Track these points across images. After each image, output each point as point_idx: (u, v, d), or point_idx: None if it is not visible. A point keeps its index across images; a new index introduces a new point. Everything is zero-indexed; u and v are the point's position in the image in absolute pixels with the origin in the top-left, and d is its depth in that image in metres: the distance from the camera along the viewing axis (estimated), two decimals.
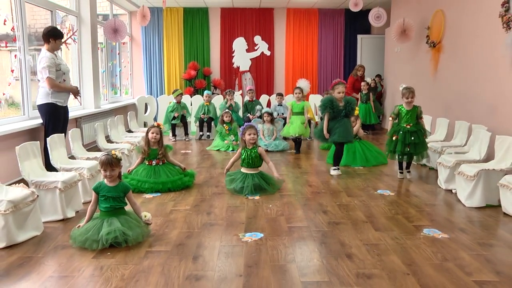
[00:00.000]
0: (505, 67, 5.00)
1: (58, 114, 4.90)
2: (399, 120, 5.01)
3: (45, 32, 4.80)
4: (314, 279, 2.63)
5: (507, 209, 3.84)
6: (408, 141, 4.86)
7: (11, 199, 3.13)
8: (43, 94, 4.80)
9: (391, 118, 5.13)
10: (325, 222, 3.65)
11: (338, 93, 5.31)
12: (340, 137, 5.29)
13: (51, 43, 4.79)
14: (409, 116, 4.93)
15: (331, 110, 5.28)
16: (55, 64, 4.78)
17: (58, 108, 4.88)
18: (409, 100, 4.92)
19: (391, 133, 5.06)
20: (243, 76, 10.55)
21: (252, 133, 4.62)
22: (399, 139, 4.91)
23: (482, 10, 5.53)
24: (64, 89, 4.94)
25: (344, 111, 5.31)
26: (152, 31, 10.32)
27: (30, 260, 2.92)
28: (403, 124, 4.95)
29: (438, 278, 2.63)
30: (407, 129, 4.90)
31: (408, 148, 4.88)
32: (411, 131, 4.89)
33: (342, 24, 10.59)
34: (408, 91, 4.95)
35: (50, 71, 4.70)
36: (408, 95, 4.93)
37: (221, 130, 7.39)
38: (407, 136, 4.87)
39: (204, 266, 2.82)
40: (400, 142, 4.88)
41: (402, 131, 4.92)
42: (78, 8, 7.06)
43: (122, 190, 3.26)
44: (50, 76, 4.70)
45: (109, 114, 7.62)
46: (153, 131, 4.74)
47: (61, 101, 4.90)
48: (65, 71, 4.98)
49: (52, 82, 4.73)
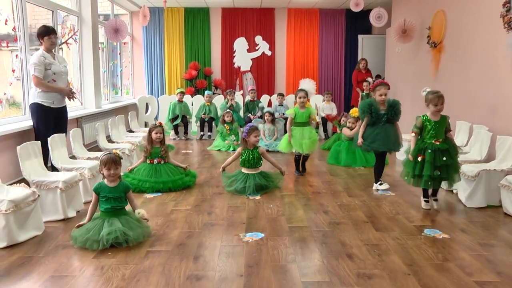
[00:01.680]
0: (506, 67, 4.99)
1: (46, 115, 4.69)
2: (423, 135, 3.94)
3: (36, 34, 4.75)
4: (315, 279, 2.64)
5: (508, 210, 3.84)
6: (439, 163, 3.77)
7: (12, 199, 3.14)
8: (32, 94, 4.70)
9: (413, 134, 3.98)
10: (326, 222, 3.65)
11: (379, 95, 4.60)
12: (381, 146, 4.59)
13: (45, 41, 4.68)
14: (437, 129, 3.86)
15: (370, 114, 4.58)
16: (44, 62, 4.60)
17: (45, 109, 4.68)
18: (438, 107, 3.84)
19: (415, 153, 3.92)
20: (244, 76, 10.54)
21: (257, 135, 4.67)
22: (427, 160, 3.80)
23: (483, 10, 5.52)
24: (52, 89, 4.71)
25: (386, 116, 4.58)
26: (153, 31, 10.32)
27: (31, 260, 2.93)
28: (430, 140, 3.86)
29: (439, 279, 2.63)
30: (436, 146, 3.82)
31: (439, 171, 3.80)
32: (442, 149, 3.81)
33: (343, 24, 10.58)
34: (436, 97, 3.84)
35: (36, 69, 4.54)
36: (438, 101, 3.82)
37: (222, 130, 7.40)
38: (438, 156, 3.79)
39: (205, 266, 2.82)
40: (429, 164, 3.78)
41: (430, 149, 3.81)
42: (79, 8, 7.07)
43: (123, 190, 3.27)
44: (36, 74, 4.54)
45: (110, 114, 7.63)
46: (156, 131, 4.77)
47: (48, 101, 4.69)
48: (57, 71, 4.75)
49: (37, 81, 4.57)
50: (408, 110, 8.04)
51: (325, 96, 8.84)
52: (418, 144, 3.93)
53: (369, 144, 4.62)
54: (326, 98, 8.77)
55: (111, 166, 3.21)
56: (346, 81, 10.59)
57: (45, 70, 4.63)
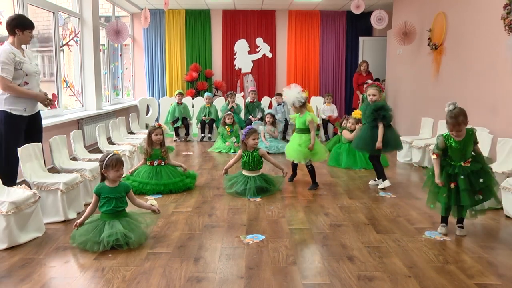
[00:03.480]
0: (507, 69, 4.99)
1: (16, 125, 3.84)
2: (449, 157, 3.33)
3: (9, 21, 3.80)
4: (316, 281, 2.63)
5: (509, 212, 3.83)
6: (478, 186, 3.21)
7: (13, 201, 3.14)
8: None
9: (435, 156, 3.35)
10: (327, 224, 3.65)
11: (368, 95, 4.77)
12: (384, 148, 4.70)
13: (18, 35, 3.80)
14: (464, 148, 3.25)
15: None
16: (13, 60, 3.73)
17: (15, 119, 3.82)
18: (454, 133, 3.25)
19: (444, 178, 3.29)
20: (245, 78, 10.55)
21: (256, 138, 4.66)
22: (462, 188, 3.20)
23: (484, 13, 5.53)
24: (24, 94, 3.83)
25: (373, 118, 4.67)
26: (154, 33, 10.34)
27: (32, 261, 2.93)
28: (459, 162, 3.27)
29: (440, 281, 2.62)
30: (468, 169, 3.24)
31: (481, 195, 3.25)
32: (476, 170, 3.24)
33: (344, 26, 10.59)
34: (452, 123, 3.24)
35: (3, 69, 3.66)
36: (453, 128, 3.24)
37: (222, 132, 7.40)
38: (474, 180, 3.21)
39: (206, 268, 2.82)
40: (466, 192, 3.19)
41: (462, 174, 3.22)
42: (80, 9, 7.08)
43: (123, 190, 3.28)
44: (3, 75, 3.66)
45: (110, 115, 7.64)
46: (156, 132, 4.77)
47: (19, 109, 3.83)
48: (30, 72, 3.88)
49: (5, 83, 3.69)
50: (408, 112, 8.05)
51: (326, 98, 8.84)
52: (446, 168, 3.30)
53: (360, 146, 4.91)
54: (327, 100, 8.77)
55: (120, 167, 3.23)
56: (347, 83, 10.59)
57: (15, 70, 3.77)
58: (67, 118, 6.07)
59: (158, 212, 3.46)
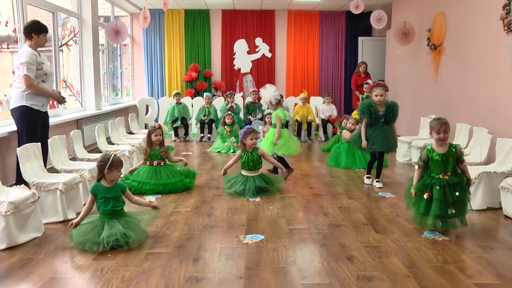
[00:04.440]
0: (506, 69, 5.00)
1: (34, 120, 4.29)
2: (430, 169, 3.41)
3: (26, 26, 4.28)
4: (315, 281, 2.63)
5: (508, 212, 3.83)
6: (452, 199, 3.27)
7: (12, 201, 3.14)
8: (17, 96, 4.22)
9: (417, 167, 3.49)
10: (326, 224, 3.65)
11: (375, 96, 4.68)
12: (380, 147, 4.71)
13: (34, 38, 4.25)
14: (445, 162, 3.33)
15: (369, 115, 4.66)
16: (36, 61, 4.19)
17: (34, 112, 4.27)
18: (441, 136, 3.33)
19: (418, 188, 3.41)
20: (244, 78, 10.55)
21: (254, 137, 4.65)
22: (435, 197, 3.29)
23: (483, 13, 5.53)
24: (43, 92, 4.31)
25: (384, 117, 4.65)
26: (153, 33, 10.33)
27: (31, 262, 2.92)
28: (437, 174, 3.35)
29: (439, 281, 2.63)
30: (445, 181, 3.31)
31: (454, 209, 3.29)
32: (453, 183, 3.30)
33: (343, 26, 10.60)
34: (438, 123, 3.36)
35: (28, 69, 4.12)
36: (439, 128, 3.33)
37: (222, 132, 7.40)
38: (449, 192, 3.28)
39: (205, 268, 2.82)
40: (438, 202, 3.27)
41: (438, 185, 3.31)
42: (79, 9, 7.08)
43: (119, 189, 3.28)
44: (28, 74, 4.11)
45: (110, 115, 7.63)
46: (156, 133, 4.77)
47: (38, 104, 4.29)
48: (48, 72, 4.40)
49: (29, 81, 4.13)
50: (408, 112, 8.05)
51: (325, 98, 8.84)
52: (424, 178, 3.40)
53: (370, 146, 4.75)
54: (326, 100, 8.77)
55: (119, 168, 3.26)
56: (346, 83, 10.59)
57: (36, 69, 4.22)
58: (66, 118, 6.07)
59: (158, 208, 3.50)
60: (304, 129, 8.42)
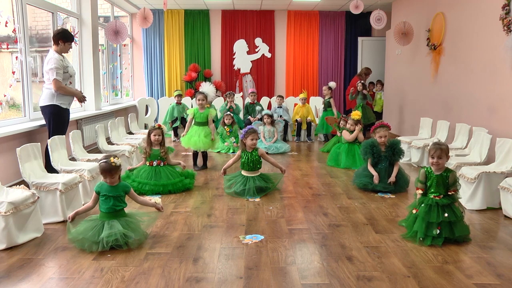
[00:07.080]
0: (506, 69, 5.00)
1: (62, 116, 4.86)
2: (428, 188, 3.40)
3: (55, 33, 4.77)
4: (315, 281, 2.63)
5: (508, 212, 3.84)
6: (438, 219, 3.21)
7: (12, 201, 3.14)
8: (47, 96, 4.74)
9: (420, 191, 3.44)
10: (326, 224, 3.65)
11: (379, 137, 4.75)
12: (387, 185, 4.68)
13: (60, 45, 4.75)
14: (437, 183, 3.33)
15: (372, 155, 4.73)
16: (63, 66, 4.74)
17: (62, 110, 4.83)
18: (435, 161, 3.32)
19: (413, 206, 3.45)
20: (244, 78, 10.55)
21: (255, 138, 4.65)
22: (418, 214, 3.30)
23: (482, 13, 5.54)
24: (70, 92, 4.89)
25: (387, 159, 4.72)
26: (153, 33, 10.33)
27: (31, 262, 2.92)
28: (431, 194, 3.35)
29: (439, 281, 2.63)
30: (434, 201, 3.28)
31: (439, 229, 3.21)
32: (442, 204, 3.25)
33: (343, 27, 10.60)
34: (433, 148, 3.34)
35: (57, 73, 4.65)
36: (434, 153, 3.32)
37: (222, 132, 7.40)
38: (436, 212, 3.23)
39: (205, 268, 2.82)
40: (421, 219, 3.26)
41: (426, 203, 3.29)
42: (79, 10, 7.08)
43: (122, 189, 3.28)
44: (57, 78, 4.65)
45: (109, 116, 7.63)
46: (155, 133, 4.77)
47: (65, 103, 4.85)
48: (72, 73, 4.95)
49: (59, 84, 4.68)
50: (407, 112, 8.06)
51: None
52: (420, 198, 3.40)
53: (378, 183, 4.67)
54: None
55: (107, 175, 3.21)
56: (346, 84, 10.58)
57: (63, 72, 4.75)
58: None
59: (161, 211, 3.58)
60: (304, 129, 8.43)
